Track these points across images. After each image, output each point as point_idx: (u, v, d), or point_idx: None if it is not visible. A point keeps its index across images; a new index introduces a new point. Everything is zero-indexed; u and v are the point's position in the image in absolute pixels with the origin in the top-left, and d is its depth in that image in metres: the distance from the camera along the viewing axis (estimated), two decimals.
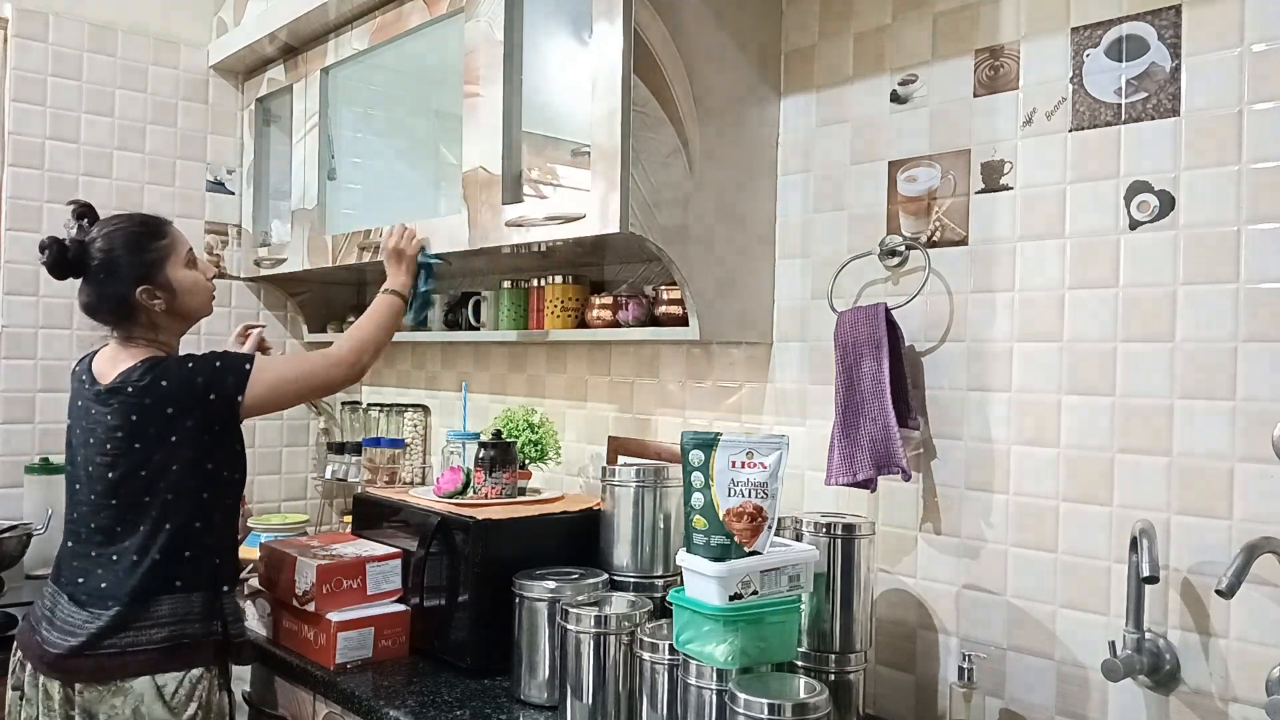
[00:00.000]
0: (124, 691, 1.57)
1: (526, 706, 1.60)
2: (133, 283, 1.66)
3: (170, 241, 1.71)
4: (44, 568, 2.23)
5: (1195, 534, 1.31)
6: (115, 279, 1.66)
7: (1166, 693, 1.33)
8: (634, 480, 1.72)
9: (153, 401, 1.61)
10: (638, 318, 1.87)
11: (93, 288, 1.67)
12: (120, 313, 1.68)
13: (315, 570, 1.77)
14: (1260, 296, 1.26)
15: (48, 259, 1.65)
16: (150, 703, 1.58)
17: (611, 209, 1.58)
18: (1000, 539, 1.50)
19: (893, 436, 1.51)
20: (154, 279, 1.68)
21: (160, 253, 1.69)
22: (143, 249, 1.67)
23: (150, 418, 1.61)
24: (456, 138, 1.95)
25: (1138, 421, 1.36)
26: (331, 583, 1.78)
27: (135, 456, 1.61)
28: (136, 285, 1.66)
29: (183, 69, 2.65)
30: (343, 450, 2.66)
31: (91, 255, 1.66)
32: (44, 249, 1.65)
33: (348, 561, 1.81)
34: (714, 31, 1.71)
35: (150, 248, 1.68)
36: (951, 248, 1.56)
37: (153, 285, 1.67)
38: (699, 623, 1.32)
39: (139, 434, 1.61)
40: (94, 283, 1.67)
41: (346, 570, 1.81)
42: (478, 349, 2.56)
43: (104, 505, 1.63)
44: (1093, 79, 1.41)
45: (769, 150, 1.81)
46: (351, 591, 1.80)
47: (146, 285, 1.67)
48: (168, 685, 1.59)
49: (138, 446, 1.61)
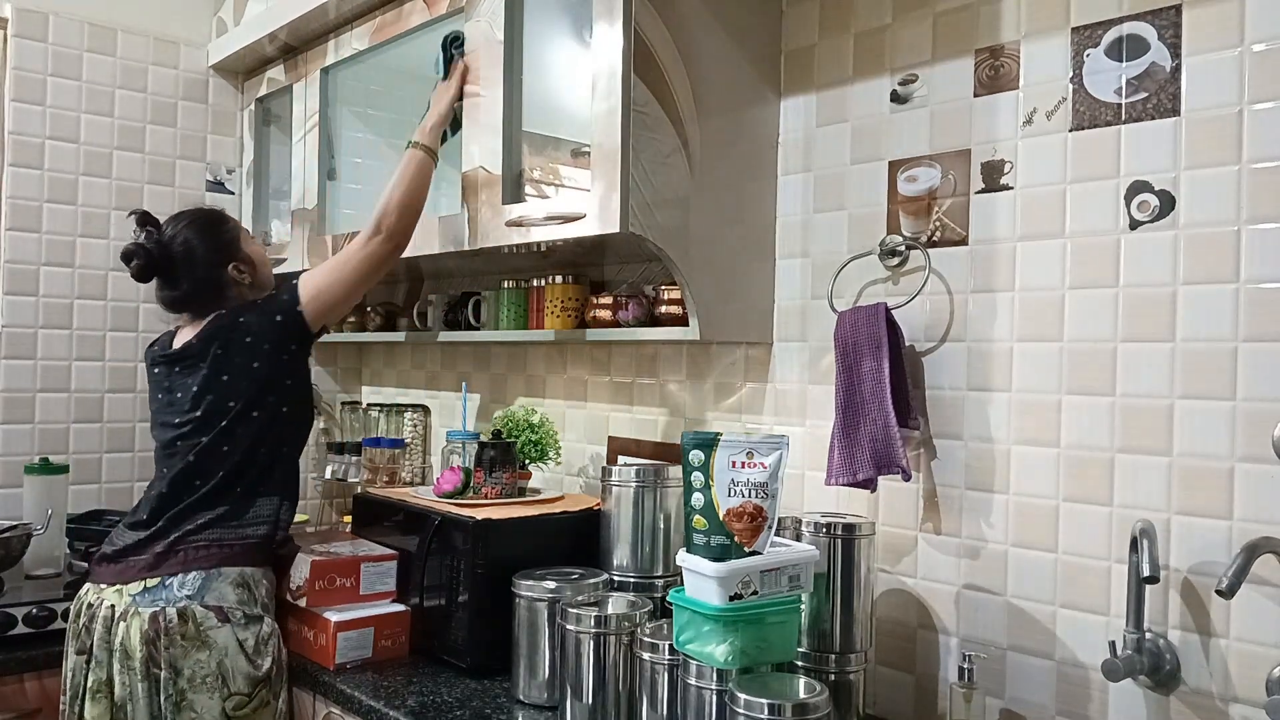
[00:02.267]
0: (208, 645, 1.67)
1: (526, 707, 1.60)
2: (222, 264, 1.83)
3: (234, 223, 1.90)
4: (44, 568, 2.24)
5: (1195, 534, 1.31)
6: (206, 264, 1.81)
7: (1167, 693, 1.33)
8: (634, 480, 1.72)
9: (235, 334, 1.77)
10: (638, 318, 1.87)
11: (184, 278, 1.81)
12: (214, 294, 1.82)
13: (309, 565, 1.78)
14: (1260, 296, 1.26)
15: (136, 265, 1.79)
16: (234, 655, 1.69)
17: (611, 209, 1.58)
18: (1000, 539, 1.50)
19: (893, 436, 1.51)
20: (238, 255, 1.85)
21: (233, 233, 1.87)
22: (219, 233, 1.85)
23: (233, 349, 1.76)
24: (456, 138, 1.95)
25: (1138, 421, 1.36)
26: (325, 579, 1.79)
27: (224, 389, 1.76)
28: (227, 264, 1.83)
29: (182, 69, 2.65)
30: (343, 450, 2.66)
31: (174, 251, 1.80)
32: (130, 258, 1.79)
33: (342, 559, 1.81)
34: (714, 31, 1.71)
35: (224, 230, 1.86)
36: (952, 248, 1.56)
37: (239, 261, 1.85)
38: (699, 623, 1.32)
39: (225, 366, 1.76)
40: (185, 274, 1.81)
41: (340, 568, 1.81)
42: (478, 349, 2.56)
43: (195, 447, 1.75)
44: (1093, 79, 1.41)
45: (769, 150, 1.81)
46: (344, 590, 1.80)
47: (235, 262, 1.84)
48: (248, 640, 1.71)
49: (225, 379, 1.76)
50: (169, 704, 1.64)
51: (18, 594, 2.07)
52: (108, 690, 1.67)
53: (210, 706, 1.66)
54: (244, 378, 1.76)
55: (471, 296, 2.28)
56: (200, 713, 1.66)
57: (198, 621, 1.66)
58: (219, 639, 1.67)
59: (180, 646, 1.65)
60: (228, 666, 1.68)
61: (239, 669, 1.69)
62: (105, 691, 1.67)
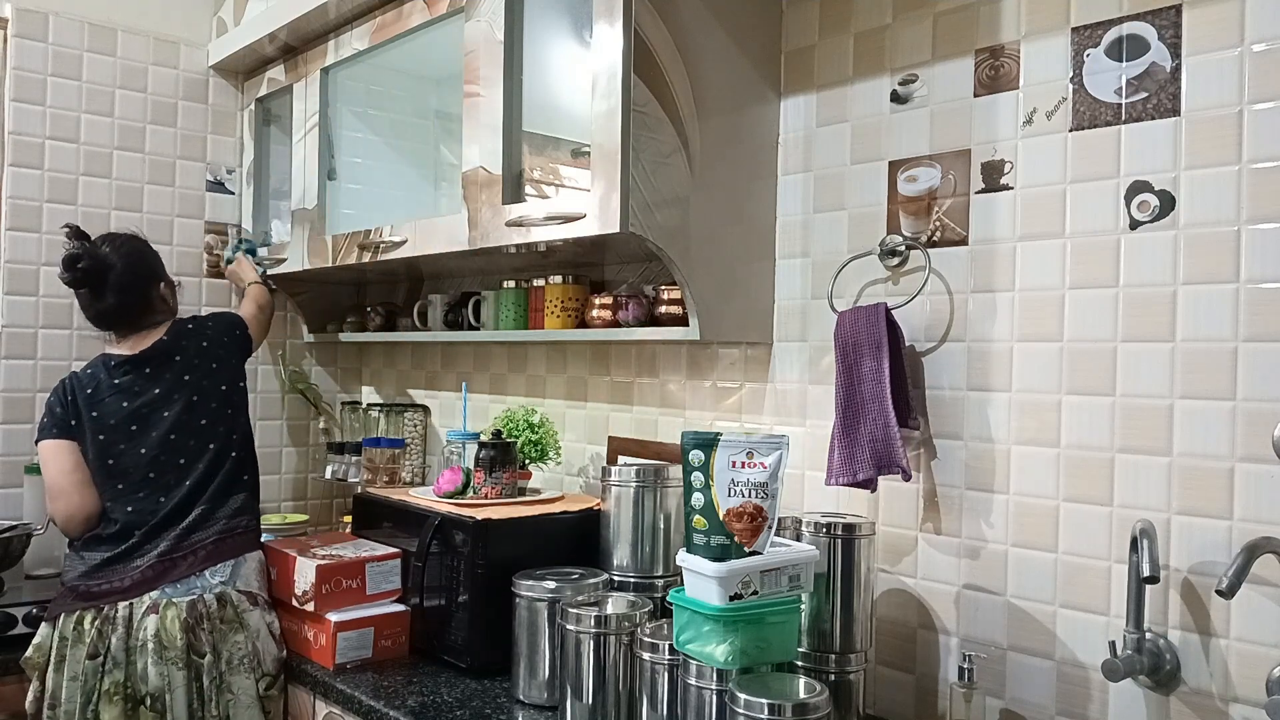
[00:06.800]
0: (245, 627, 1.80)
1: (526, 707, 1.60)
2: (155, 282, 1.99)
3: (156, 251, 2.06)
4: (44, 568, 2.24)
5: (1195, 534, 1.31)
6: (138, 279, 1.95)
7: (1167, 693, 1.33)
8: (634, 480, 1.72)
9: (213, 334, 2.01)
10: (638, 318, 1.87)
11: (112, 291, 1.91)
12: (140, 310, 1.95)
13: (315, 570, 1.77)
14: (1260, 296, 1.26)
15: (81, 268, 1.88)
16: (264, 637, 1.82)
17: (612, 209, 1.58)
18: (1000, 539, 1.50)
19: (893, 436, 1.51)
20: (166, 277, 2.04)
21: (158, 258, 2.04)
22: (149, 255, 2.01)
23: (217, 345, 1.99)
24: (456, 138, 1.95)
25: (1138, 421, 1.36)
26: (331, 583, 1.79)
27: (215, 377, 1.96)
28: (159, 283, 2.00)
29: (183, 69, 2.65)
30: (343, 450, 2.66)
31: (110, 263, 1.91)
32: (75, 261, 1.88)
33: (347, 561, 1.81)
34: (714, 31, 1.71)
35: (152, 254, 2.03)
36: (952, 248, 1.56)
37: (167, 282, 2.03)
38: (699, 623, 1.32)
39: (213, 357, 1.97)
40: (114, 287, 1.91)
41: (346, 570, 1.81)
42: (478, 349, 2.56)
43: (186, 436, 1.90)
44: (1093, 79, 1.41)
45: (769, 150, 1.81)
46: (351, 591, 1.81)
47: (165, 281, 2.02)
48: (273, 624, 1.85)
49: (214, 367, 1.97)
50: (212, 687, 1.73)
51: (18, 594, 2.07)
52: (124, 691, 1.71)
53: (246, 687, 1.77)
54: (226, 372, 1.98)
55: (471, 296, 2.28)
56: (237, 694, 1.77)
57: (234, 605, 1.80)
58: (252, 621, 1.80)
59: (220, 630, 1.77)
60: (259, 648, 1.80)
61: (269, 651, 1.82)
62: (122, 693, 1.71)
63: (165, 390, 1.91)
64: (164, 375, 1.92)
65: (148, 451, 1.88)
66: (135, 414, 1.89)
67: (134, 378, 1.91)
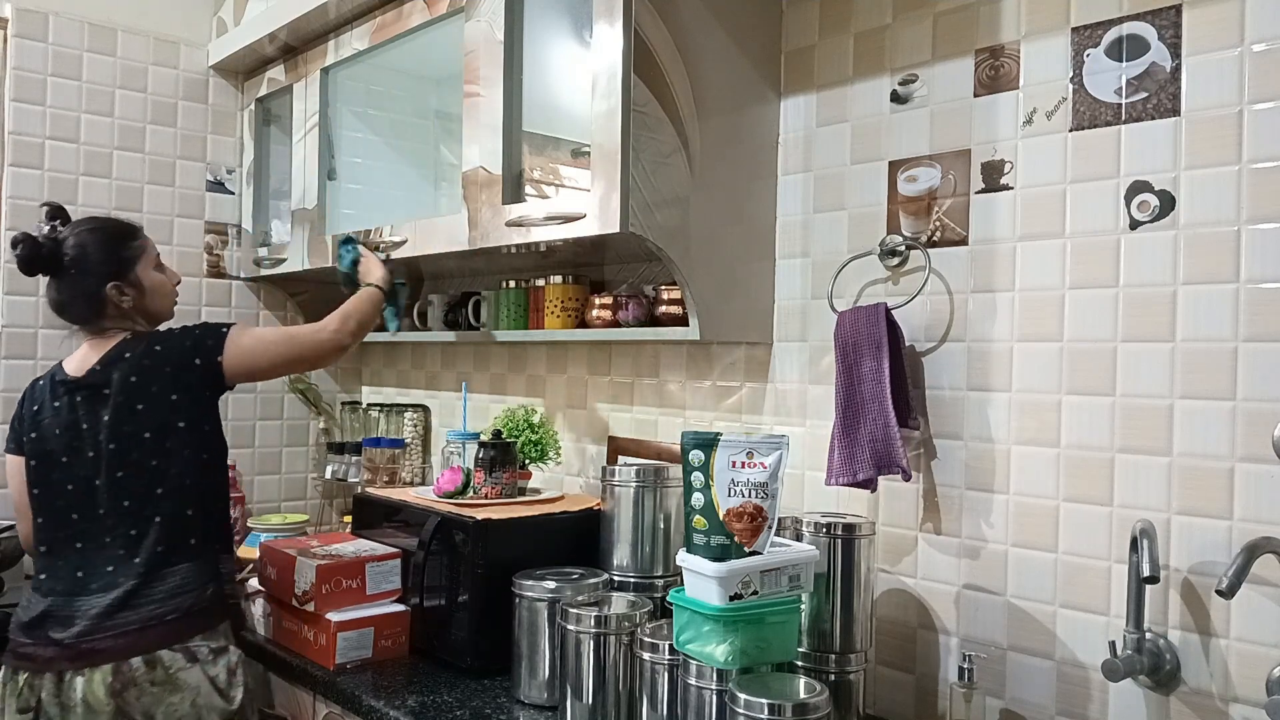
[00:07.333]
0: (180, 688, 1.61)
1: (526, 707, 1.60)
2: (104, 279, 1.73)
3: (141, 244, 1.80)
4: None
5: (1195, 534, 1.31)
6: (88, 275, 1.72)
7: (1167, 693, 1.33)
8: (634, 480, 1.72)
9: (151, 364, 1.69)
10: (638, 318, 1.87)
11: (64, 284, 1.73)
12: (91, 308, 1.73)
13: (315, 570, 1.77)
14: (1260, 296, 1.26)
15: (20, 254, 1.71)
16: (207, 693, 1.64)
17: (612, 209, 1.58)
18: (1000, 539, 1.50)
19: (893, 436, 1.51)
20: (125, 277, 1.75)
21: (133, 253, 1.77)
22: (116, 249, 1.76)
23: (149, 379, 1.68)
24: (456, 138, 1.95)
25: (1138, 421, 1.36)
26: (331, 582, 1.78)
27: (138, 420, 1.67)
28: (108, 281, 1.73)
29: (183, 69, 2.65)
30: (343, 450, 2.66)
31: (64, 253, 1.72)
32: (16, 244, 1.71)
33: (347, 561, 1.81)
34: (714, 31, 1.71)
35: (123, 246, 1.77)
36: (952, 248, 1.56)
37: (123, 283, 1.74)
38: (699, 623, 1.32)
39: (140, 396, 1.67)
40: (65, 279, 1.73)
41: (346, 570, 1.81)
42: (478, 349, 2.56)
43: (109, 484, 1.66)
44: (1093, 79, 1.41)
45: (769, 150, 1.81)
46: (351, 591, 1.80)
47: (117, 282, 1.74)
48: (219, 675, 1.66)
49: (140, 408, 1.67)
50: None
51: (17, 594, 2.07)
52: None
53: None
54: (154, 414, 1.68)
55: (471, 296, 2.28)
56: None
57: (166, 666, 1.61)
58: (190, 680, 1.62)
59: (151, 694, 1.59)
60: (200, 705, 1.63)
61: (213, 706, 1.64)
62: None
63: (91, 429, 1.67)
64: (93, 410, 1.68)
65: (75, 488, 1.68)
66: (68, 445, 1.68)
67: (67, 403, 1.70)
